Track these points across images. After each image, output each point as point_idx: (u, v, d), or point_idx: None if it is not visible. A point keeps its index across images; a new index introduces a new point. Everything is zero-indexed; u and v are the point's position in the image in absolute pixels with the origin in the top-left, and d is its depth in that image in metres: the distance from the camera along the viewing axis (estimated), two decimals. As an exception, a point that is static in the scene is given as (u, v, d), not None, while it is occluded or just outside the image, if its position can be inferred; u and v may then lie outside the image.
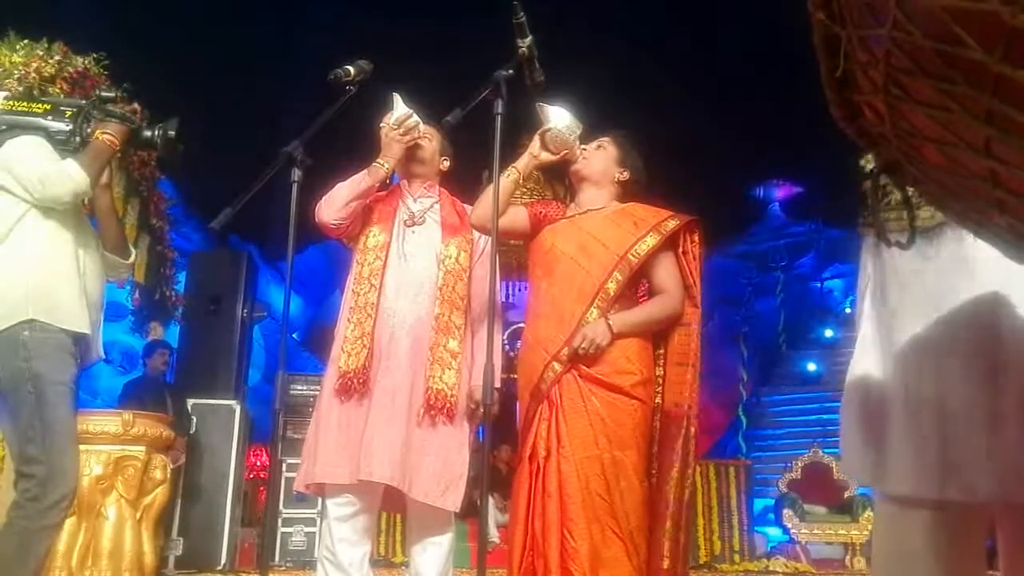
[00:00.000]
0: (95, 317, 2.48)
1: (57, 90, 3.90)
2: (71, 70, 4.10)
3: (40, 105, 2.45)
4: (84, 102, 2.51)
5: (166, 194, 5.62)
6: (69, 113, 2.42)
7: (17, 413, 2.27)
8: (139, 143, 2.55)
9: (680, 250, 2.58)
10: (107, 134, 2.40)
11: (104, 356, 2.65)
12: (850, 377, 1.51)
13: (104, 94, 2.54)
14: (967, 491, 1.30)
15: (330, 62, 2.51)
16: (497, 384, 2.23)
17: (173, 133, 2.50)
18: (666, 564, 2.33)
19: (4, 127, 2.38)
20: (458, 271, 2.67)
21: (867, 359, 1.48)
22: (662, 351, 2.56)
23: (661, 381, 2.52)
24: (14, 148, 2.35)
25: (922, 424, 1.34)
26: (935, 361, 1.36)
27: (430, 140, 2.78)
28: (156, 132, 2.50)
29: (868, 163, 1.47)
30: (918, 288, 1.40)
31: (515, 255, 5.78)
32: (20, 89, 3.69)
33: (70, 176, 2.29)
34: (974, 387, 1.31)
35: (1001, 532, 1.43)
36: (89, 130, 2.42)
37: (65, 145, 2.39)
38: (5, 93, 2.53)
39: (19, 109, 2.43)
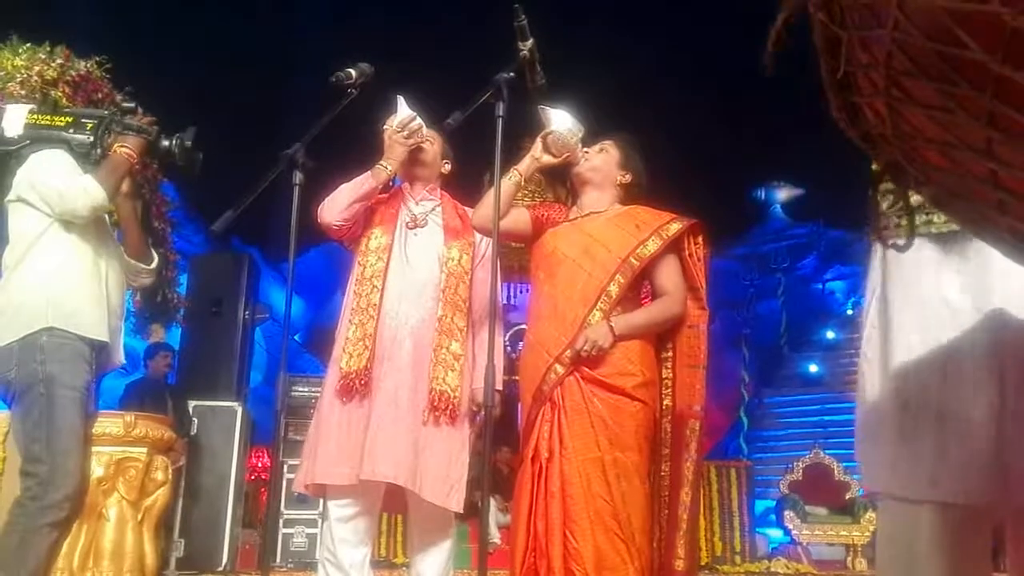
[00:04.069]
0: (115, 324, 2.56)
1: (59, 94, 3.92)
2: (73, 74, 4.12)
3: (62, 118, 2.52)
4: (106, 113, 2.58)
5: (168, 197, 5.63)
6: (90, 126, 2.50)
7: (27, 413, 2.34)
8: (157, 154, 2.60)
9: (684, 252, 2.58)
10: (125, 147, 2.48)
11: (124, 362, 2.70)
12: (858, 383, 1.51)
13: (125, 105, 2.60)
14: (966, 494, 1.30)
15: (331, 65, 2.51)
16: (499, 386, 2.23)
17: (190, 143, 2.56)
18: (681, 565, 2.34)
19: (28, 141, 2.46)
20: (460, 273, 2.67)
21: (871, 365, 1.48)
22: (670, 353, 2.56)
23: (671, 384, 2.53)
24: (37, 164, 2.45)
25: (922, 427, 1.35)
26: (938, 365, 1.35)
27: (432, 143, 2.78)
28: (174, 142, 2.56)
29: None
30: (923, 294, 1.40)
31: (516, 257, 5.79)
32: (22, 91, 3.71)
33: (87, 191, 2.37)
34: (976, 391, 1.31)
35: (1009, 534, 1.43)
36: (109, 140, 2.48)
37: (86, 158, 2.48)
38: (31, 106, 2.58)
39: (42, 123, 2.49)
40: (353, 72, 2.50)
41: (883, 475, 1.44)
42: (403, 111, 2.68)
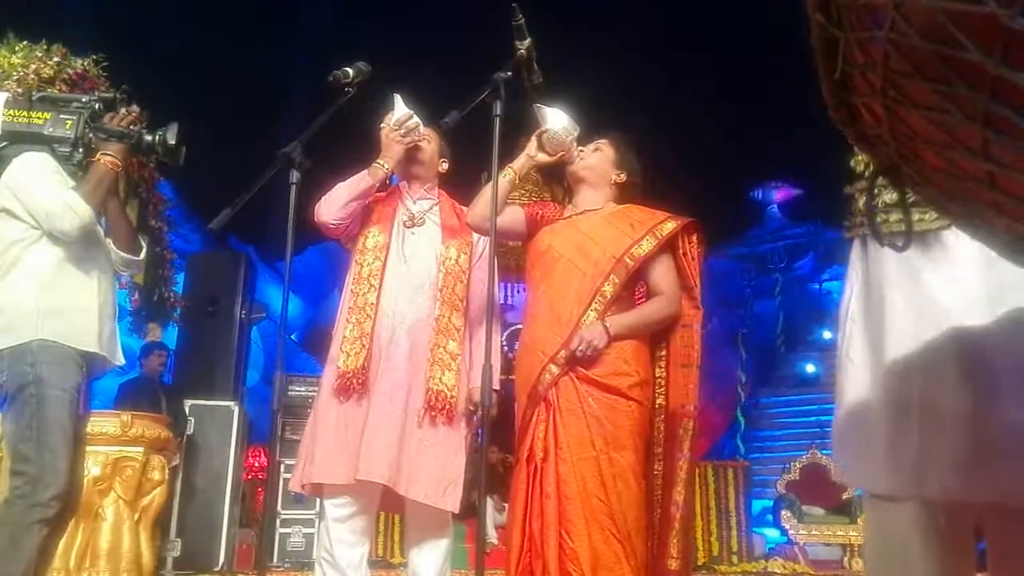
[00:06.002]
0: (109, 328, 2.55)
1: (56, 92, 3.90)
2: (70, 72, 4.09)
3: (40, 114, 2.49)
4: (84, 99, 2.55)
5: (165, 195, 5.61)
6: (69, 123, 2.47)
7: (19, 415, 2.36)
8: (140, 150, 2.59)
9: (679, 252, 2.57)
10: (108, 155, 2.46)
11: (124, 362, 2.70)
12: (838, 379, 1.51)
13: (103, 95, 2.58)
14: (950, 491, 1.31)
15: (329, 64, 2.51)
16: (496, 386, 2.23)
17: (173, 141, 2.54)
18: (675, 565, 2.33)
19: (6, 142, 2.44)
20: (458, 272, 2.67)
21: (853, 362, 1.48)
22: (664, 353, 2.56)
23: (664, 383, 2.52)
24: (22, 174, 2.42)
25: (906, 424, 1.35)
26: (922, 363, 1.36)
27: (429, 142, 2.78)
28: (156, 138, 2.54)
29: (858, 164, 1.47)
30: (907, 291, 1.40)
31: (514, 257, 5.79)
32: (19, 90, 3.69)
33: (75, 212, 2.38)
34: (960, 389, 1.31)
35: (988, 534, 1.44)
36: (90, 136, 2.46)
37: (69, 159, 2.45)
38: (6, 95, 2.55)
39: (20, 120, 2.46)
40: (351, 71, 2.50)
41: (868, 473, 1.44)
42: (400, 109, 2.67)
